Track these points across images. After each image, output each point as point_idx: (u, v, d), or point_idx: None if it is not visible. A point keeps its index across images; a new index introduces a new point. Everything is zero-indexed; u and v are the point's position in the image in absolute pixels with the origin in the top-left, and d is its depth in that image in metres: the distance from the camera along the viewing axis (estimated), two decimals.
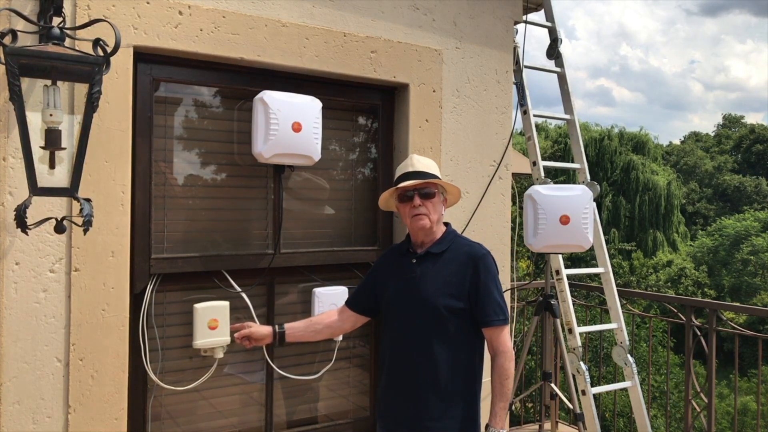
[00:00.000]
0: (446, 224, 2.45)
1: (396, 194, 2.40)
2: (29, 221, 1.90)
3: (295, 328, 2.48)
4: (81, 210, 1.93)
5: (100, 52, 1.94)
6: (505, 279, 3.38)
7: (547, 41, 4.04)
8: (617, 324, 3.86)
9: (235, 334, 2.44)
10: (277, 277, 2.84)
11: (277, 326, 2.45)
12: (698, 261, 29.15)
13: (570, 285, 3.87)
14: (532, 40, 3.70)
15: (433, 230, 2.35)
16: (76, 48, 1.99)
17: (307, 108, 2.68)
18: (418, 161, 2.38)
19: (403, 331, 2.34)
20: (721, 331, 3.78)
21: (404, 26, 3.06)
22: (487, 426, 2.25)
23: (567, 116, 4.03)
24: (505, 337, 2.29)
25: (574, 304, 3.88)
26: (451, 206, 2.55)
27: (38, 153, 1.89)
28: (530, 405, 6.67)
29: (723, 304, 4.04)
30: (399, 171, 2.42)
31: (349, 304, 2.55)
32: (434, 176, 2.36)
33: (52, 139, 1.89)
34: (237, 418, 2.78)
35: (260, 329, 2.43)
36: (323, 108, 2.76)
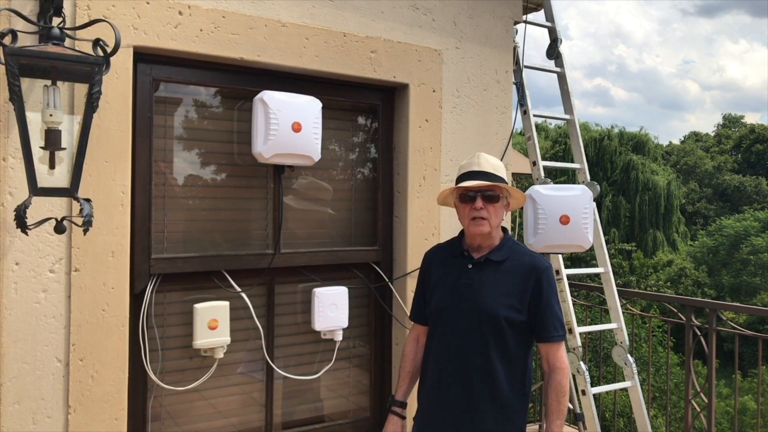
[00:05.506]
0: (504, 230, 2.35)
1: (457, 193, 2.31)
2: (29, 221, 1.90)
3: (407, 390, 2.43)
4: (81, 210, 1.93)
5: (100, 52, 1.94)
6: None
7: (544, 42, 4.04)
8: (617, 324, 3.86)
9: None
10: (277, 277, 2.84)
11: (398, 410, 2.40)
12: (698, 261, 29.17)
13: (570, 285, 3.87)
14: (529, 40, 3.70)
15: (492, 235, 2.26)
16: (76, 48, 2.00)
17: (307, 108, 2.68)
18: (486, 161, 2.27)
19: (456, 341, 2.23)
20: (721, 331, 3.77)
21: (404, 26, 3.06)
22: None
23: (567, 116, 4.03)
24: (563, 353, 2.21)
25: (574, 304, 3.88)
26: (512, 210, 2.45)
27: (38, 153, 1.89)
28: (530, 405, 6.67)
29: (723, 304, 4.03)
30: (462, 168, 2.31)
31: (418, 320, 2.45)
32: (501, 179, 2.26)
33: (52, 139, 1.89)
34: (237, 418, 2.78)
35: (391, 428, 2.38)
36: (323, 108, 2.76)
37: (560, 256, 3.76)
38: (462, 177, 2.29)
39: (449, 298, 2.27)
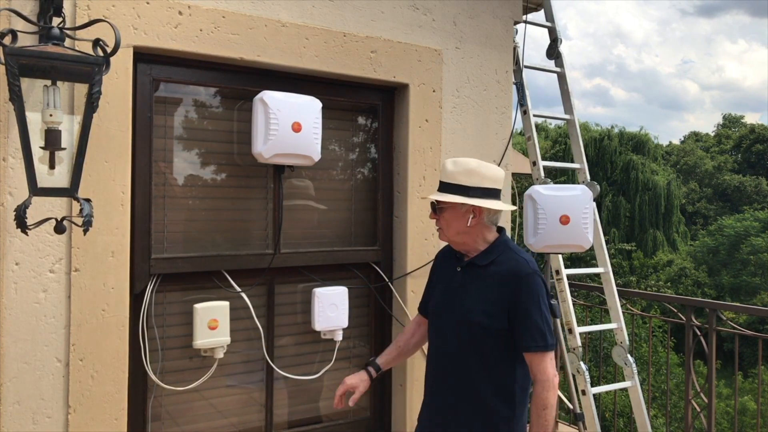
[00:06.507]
0: (501, 231, 2.31)
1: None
2: (29, 221, 1.90)
3: (388, 360, 2.50)
4: (81, 210, 1.93)
5: (100, 53, 1.94)
6: None
7: (544, 42, 4.04)
8: (617, 324, 3.86)
9: (336, 400, 2.43)
10: (277, 277, 2.84)
11: (371, 369, 2.47)
12: (698, 261, 29.17)
13: (570, 285, 3.86)
14: (529, 40, 3.70)
15: (455, 242, 2.27)
16: (76, 48, 1.99)
17: (307, 108, 2.68)
18: (443, 169, 2.24)
19: (443, 344, 2.26)
20: (721, 331, 3.78)
21: (404, 26, 3.06)
22: None
23: (567, 116, 4.03)
24: (546, 365, 2.10)
25: (574, 304, 3.88)
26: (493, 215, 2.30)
27: (38, 153, 1.88)
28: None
29: (723, 304, 4.03)
30: None
31: (422, 311, 2.53)
32: (452, 186, 2.20)
33: (52, 139, 1.89)
34: (237, 418, 2.78)
35: (354, 379, 2.42)
36: (323, 108, 2.76)
37: (560, 256, 3.76)
38: None
39: (440, 300, 2.31)
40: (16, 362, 2.16)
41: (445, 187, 2.22)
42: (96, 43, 1.95)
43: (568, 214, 3.22)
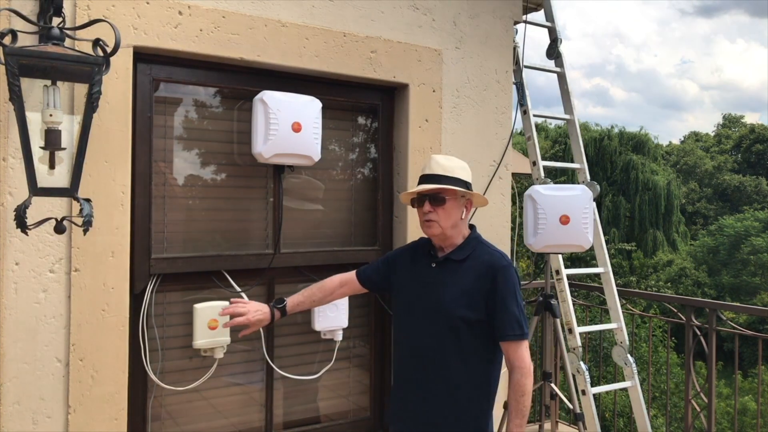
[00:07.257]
0: (471, 227, 2.37)
1: (408, 198, 2.37)
2: (29, 221, 1.90)
3: (296, 303, 2.47)
4: (81, 210, 1.93)
5: (100, 53, 1.94)
6: None
7: (543, 42, 4.05)
8: (617, 324, 3.86)
9: (225, 323, 2.39)
10: (277, 277, 2.84)
11: (277, 312, 2.40)
12: (698, 261, 29.16)
13: (570, 285, 3.87)
14: (529, 40, 3.70)
15: (446, 236, 2.29)
16: (76, 48, 1.99)
17: (307, 108, 2.68)
18: (437, 164, 2.29)
19: (417, 338, 2.28)
20: (721, 330, 3.78)
21: (404, 26, 3.06)
22: None
23: (567, 116, 4.03)
24: (523, 352, 2.19)
25: (574, 304, 3.88)
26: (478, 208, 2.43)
27: (38, 153, 1.88)
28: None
29: (723, 304, 4.03)
30: (420, 171, 2.36)
31: (361, 277, 2.51)
32: (453, 179, 2.26)
33: (52, 139, 1.89)
34: (237, 418, 2.78)
35: (259, 316, 2.36)
36: (323, 108, 2.76)
37: (560, 256, 3.76)
38: (419, 181, 2.33)
39: (413, 295, 2.32)
40: (16, 362, 2.16)
41: (443, 179, 2.25)
42: (96, 43, 1.95)
43: (568, 214, 3.22)
